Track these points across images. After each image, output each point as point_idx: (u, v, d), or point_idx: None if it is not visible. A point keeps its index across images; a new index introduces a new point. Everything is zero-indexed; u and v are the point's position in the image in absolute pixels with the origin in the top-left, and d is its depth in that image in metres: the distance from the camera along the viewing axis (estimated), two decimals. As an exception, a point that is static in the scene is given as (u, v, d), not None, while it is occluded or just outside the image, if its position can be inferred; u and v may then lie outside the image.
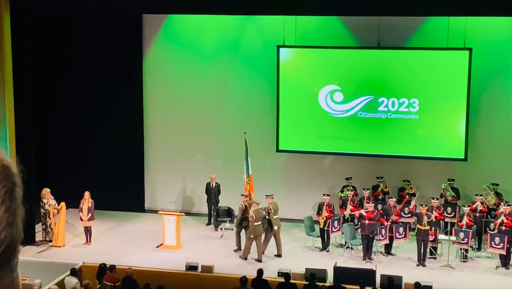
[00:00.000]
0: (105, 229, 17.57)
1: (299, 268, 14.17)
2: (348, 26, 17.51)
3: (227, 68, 18.43)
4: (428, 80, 16.87)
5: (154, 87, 18.90)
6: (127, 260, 15.03)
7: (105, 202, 18.15)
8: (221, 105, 18.65)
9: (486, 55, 16.85)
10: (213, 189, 17.41)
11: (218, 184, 17.44)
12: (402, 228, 15.49)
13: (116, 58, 18.57)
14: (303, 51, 17.68)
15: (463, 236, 15.04)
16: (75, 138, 19.05)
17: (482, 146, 17.30)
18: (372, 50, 17.20)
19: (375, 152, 17.51)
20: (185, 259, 14.99)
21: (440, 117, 16.91)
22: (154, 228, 17.17)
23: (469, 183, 17.13)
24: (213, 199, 17.38)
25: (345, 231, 15.96)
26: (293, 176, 18.49)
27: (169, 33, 18.63)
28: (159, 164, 19.16)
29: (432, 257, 15.45)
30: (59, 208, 16.24)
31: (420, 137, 17.09)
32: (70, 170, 19.02)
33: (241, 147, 18.57)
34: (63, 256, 15.57)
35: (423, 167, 17.65)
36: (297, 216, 17.62)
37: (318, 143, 17.71)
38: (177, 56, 18.65)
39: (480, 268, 15.09)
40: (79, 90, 18.90)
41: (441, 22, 16.74)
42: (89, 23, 18.40)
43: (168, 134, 19.03)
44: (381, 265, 15.00)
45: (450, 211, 16.48)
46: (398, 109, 17.11)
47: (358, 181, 17.43)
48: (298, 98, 17.64)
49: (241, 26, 18.12)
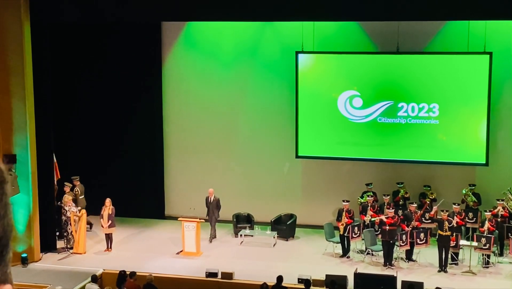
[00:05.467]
0: (125, 236, 17.65)
1: (320, 274, 14.12)
2: (366, 32, 17.46)
3: (246, 75, 18.46)
4: (448, 85, 16.76)
5: (173, 94, 18.98)
6: (148, 267, 15.08)
7: (126, 209, 18.25)
8: (240, 112, 18.68)
9: (507, 59, 16.71)
10: (211, 203, 16.99)
11: (217, 198, 17.03)
12: (423, 234, 15.38)
13: (135, 65, 18.69)
14: (321, 57, 17.65)
15: (485, 242, 14.90)
16: (95, 145, 19.17)
17: (503, 150, 17.14)
18: (391, 55, 17.12)
19: (395, 157, 17.41)
20: (205, 265, 15.01)
21: (460, 122, 16.79)
22: (174, 234, 17.22)
23: (491, 187, 16.97)
24: (212, 213, 16.98)
25: (366, 237, 15.88)
26: (313, 182, 18.45)
27: (188, 40, 18.72)
28: (179, 170, 19.21)
29: (453, 263, 15.32)
30: (79, 215, 16.34)
31: (440, 142, 16.98)
32: (91, 177, 19.11)
33: (260, 153, 18.61)
34: (83, 263, 15.66)
35: (444, 172, 17.52)
36: (317, 222, 17.58)
37: (338, 149, 17.66)
38: (196, 63, 18.71)
39: (503, 274, 14.94)
40: (99, 98, 19.04)
41: (461, 26, 16.64)
42: (109, 31, 18.54)
43: (187, 141, 19.09)
44: (402, 271, 14.91)
45: (472, 216, 16.34)
46: (418, 114, 17.01)
47: (378, 187, 17.36)
48: (317, 104, 17.61)
49: (260, 33, 18.15)
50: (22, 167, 15.46)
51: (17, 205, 15.61)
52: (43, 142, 16.14)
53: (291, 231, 17.52)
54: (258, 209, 18.15)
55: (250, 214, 17.94)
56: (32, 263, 15.66)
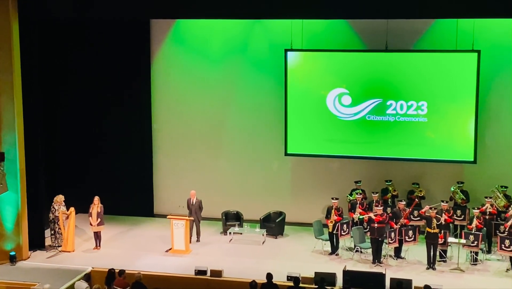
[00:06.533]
0: (114, 234, 17.62)
1: (309, 272, 14.15)
2: (355, 30, 17.50)
3: (235, 72, 18.45)
4: (436, 82, 16.83)
5: (162, 92, 18.94)
6: (137, 265, 15.07)
7: (114, 207, 18.22)
8: (229, 109, 18.67)
9: (495, 57, 16.80)
10: (194, 205, 16.86)
11: (200, 200, 16.91)
12: (411, 231, 15.45)
13: (124, 63, 18.64)
14: (310, 55, 17.67)
15: (473, 239, 14.98)
16: (84, 143, 19.11)
17: (491, 148, 17.24)
18: (380, 53, 17.16)
19: (384, 155, 17.46)
20: (194, 263, 15.02)
21: (448, 119, 16.86)
22: (163, 232, 17.21)
23: (479, 185, 17.06)
24: (194, 215, 16.81)
25: (354, 234, 15.93)
26: (302, 179, 18.48)
27: (177, 37, 18.68)
28: (167, 168, 19.18)
29: (442, 260, 15.40)
30: (68, 213, 16.30)
31: (429, 140, 17.05)
32: (79, 175, 19.08)
33: (249, 150, 18.62)
34: (72, 261, 15.62)
35: (432, 170, 17.60)
36: (306, 219, 17.63)
37: (327, 147, 17.69)
38: (185, 60, 18.69)
39: (491, 271, 15.02)
40: (87, 95, 18.97)
41: (449, 24, 16.70)
42: (97, 28, 18.46)
43: (176, 139, 19.06)
44: (391, 268, 14.97)
45: (460, 214, 16.42)
46: (406, 112, 17.07)
47: (367, 184, 17.41)
48: (306, 101, 17.64)
49: (249, 30, 18.14)
50: (10, 165, 15.38)
51: (6, 202, 15.57)
52: (31, 140, 16.06)
53: (280, 229, 17.54)
54: (247, 206, 18.16)
55: (239, 212, 17.95)
56: (20, 261, 15.61)
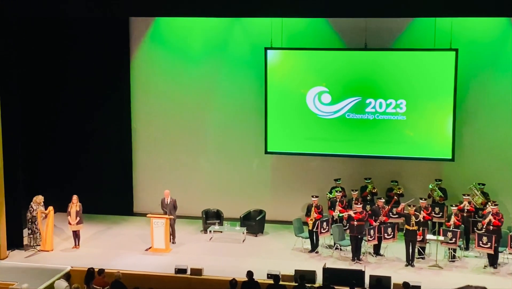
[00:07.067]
0: (93, 233, 17.53)
1: (288, 269, 14.18)
2: (334, 28, 17.56)
3: (215, 71, 18.43)
4: (415, 81, 16.95)
5: (141, 91, 18.87)
6: (116, 264, 15.00)
7: (94, 206, 18.12)
8: (209, 108, 18.65)
9: (472, 55, 16.96)
10: (168, 204, 16.64)
11: (174, 199, 16.69)
12: (390, 229, 15.54)
13: (103, 61, 18.53)
14: (290, 53, 17.71)
15: (451, 236, 15.11)
16: (62, 142, 18.98)
17: (468, 146, 17.40)
18: (359, 52, 17.25)
19: (363, 153, 17.56)
20: (174, 262, 14.98)
21: (427, 118, 16.99)
22: (143, 231, 17.16)
23: (456, 182, 17.21)
24: (169, 215, 16.53)
25: (334, 232, 16.00)
26: (282, 177, 18.52)
27: (156, 36, 18.61)
28: (147, 167, 19.13)
29: (420, 257, 15.51)
30: (46, 212, 16.19)
31: (407, 138, 17.17)
32: (58, 173, 18.95)
33: (229, 149, 18.62)
34: (51, 260, 15.52)
35: (411, 167, 17.72)
36: (286, 217, 17.66)
37: (307, 145, 17.75)
38: (164, 59, 18.63)
39: (468, 268, 15.15)
40: (66, 94, 18.84)
41: (427, 23, 16.82)
42: (76, 26, 18.34)
43: (156, 137, 19.01)
44: (370, 265, 15.05)
45: (438, 211, 16.56)
46: (385, 110, 17.17)
47: (347, 182, 17.48)
48: (286, 100, 17.67)
49: (229, 29, 18.13)
50: (-13, 164, 15.26)
51: (-17, 202, 15.43)
52: (10, 140, 15.91)
53: (260, 227, 17.57)
54: (227, 205, 18.16)
55: (219, 210, 17.94)
56: (-2, 261, 15.52)
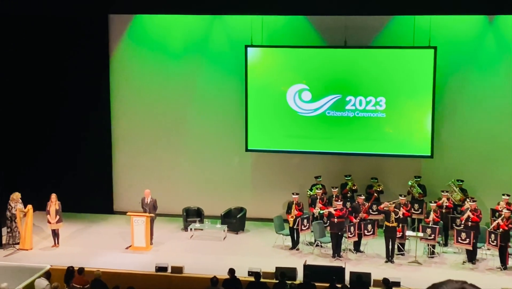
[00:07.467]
0: (73, 231, 17.43)
1: (269, 267, 14.19)
2: (314, 26, 17.60)
3: (195, 68, 18.40)
4: (394, 78, 17.05)
5: (121, 89, 18.78)
6: (96, 262, 14.92)
7: (73, 204, 18.00)
8: (190, 106, 18.61)
9: (451, 53, 17.10)
10: (148, 204, 16.44)
11: (154, 199, 16.48)
12: (370, 225, 15.63)
13: (82, 59, 18.40)
14: (271, 51, 17.72)
15: (430, 232, 15.23)
16: (41, 140, 18.84)
17: (447, 143, 17.54)
18: (339, 50, 17.30)
19: (343, 150, 17.63)
20: (155, 260, 14.93)
21: (406, 115, 17.10)
22: (123, 229, 17.09)
23: (435, 179, 17.35)
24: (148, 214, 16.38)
25: (315, 229, 16.05)
26: (262, 175, 18.54)
27: (135, 33, 18.52)
28: (127, 164, 19.04)
29: (400, 254, 15.61)
30: (26, 211, 16.06)
31: (387, 135, 17.26)
32: (36, 172, 18.80)
33: (210, 146, 18.60)
34: (30, 259, 15.40)
35: (391, 164, 17.83)
36: (267, 215, 17.69)
37: (287, 143, 17.78)
38: (144, 57, 18.55)
39: (447, 264, 15.29)
40: (45, 92, 18.69)
41: (406, 21, 16.92)
42: (54, 24, 18.19)
43: (136, 135, 18.93)
44: (350, 262, 15.13)
45: (417, 208, 16.68)
46: (365, 108, 17.25)
47: (327, 179, 17.54)
48: (266, 97, 17.69)
49: (209, 26, 18.09)
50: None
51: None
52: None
53: (241, 224, 17.58)
54: (208, 202, 18.14)
55: (200, 208, 17.92)
56: (-23, 260, 15.36)
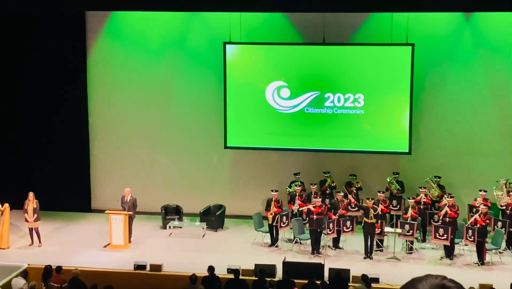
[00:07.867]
0: (51, 230, 17.27)
1: (249, 264, 14.21)
2: (293, 23, 17.62)
3: (173, 65, 18.32)
4: (372, 75, 17.11)
5: (98, 85, 18.64)
6: (74, 261, 14.81)
7: (51, 202, 17.86)
8: (168, 103, 18.53)
9: (428, 50, 17.20)
10: (127, 203, 16.28)
11: (134, 198, 16.32)
12: (349, 222, 15.68)
13: (59, 56, 18.24)
14: (249, 48, 17.70)
15: (408, 228, 15.32)
16: (17, 137, 18.66)
17: (425, 140, 17.66)
18: (317, 46, 17.33)
19: (322, 147, 17.67)
20: (133, 258, 14.86)
21: (384, 112, 17.18)
22: (101, 227, 16.97)
23: (413, 176, 17.45)
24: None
25: (294, 226, 16.07)
26: (241, 172, 18.52)
27: (113, 30, 18.40)
28: (105, 162, 18.92)
29: (378, 250, 15.69)
30: (2, 209, 15.89)
31: (365, 132, 17.33)
32: (13, 170, 18.61)
33: (188, 144, 18.54)
34: (7, 258, 15.24)
35: (369, 161, 17.90)
36: (246, 212, 17.67)
37: (266, 140, 17.78)
38: (122, 54, 18.43)
39: (425, 259, 15.39)
40: (22, 90, 18.51)
41: (384, 18, 16.99)
42: (30, 20, 18.01)
43: (113, 133, 18.81)
44: (329, 258, 15.17)
45: (396, 204, 16.77)
46: (343, 105, 17.30)
47: (306, 176, 17.57)
48: (245, 94, 17.67)
49: (187, 23, 18.03)
50: None
51: None
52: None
53: (220, 222, 17.55)
54: (186, 200, 18.09)
55: (179, 206, 17.85)
56: (-47, 260, 15.17)
